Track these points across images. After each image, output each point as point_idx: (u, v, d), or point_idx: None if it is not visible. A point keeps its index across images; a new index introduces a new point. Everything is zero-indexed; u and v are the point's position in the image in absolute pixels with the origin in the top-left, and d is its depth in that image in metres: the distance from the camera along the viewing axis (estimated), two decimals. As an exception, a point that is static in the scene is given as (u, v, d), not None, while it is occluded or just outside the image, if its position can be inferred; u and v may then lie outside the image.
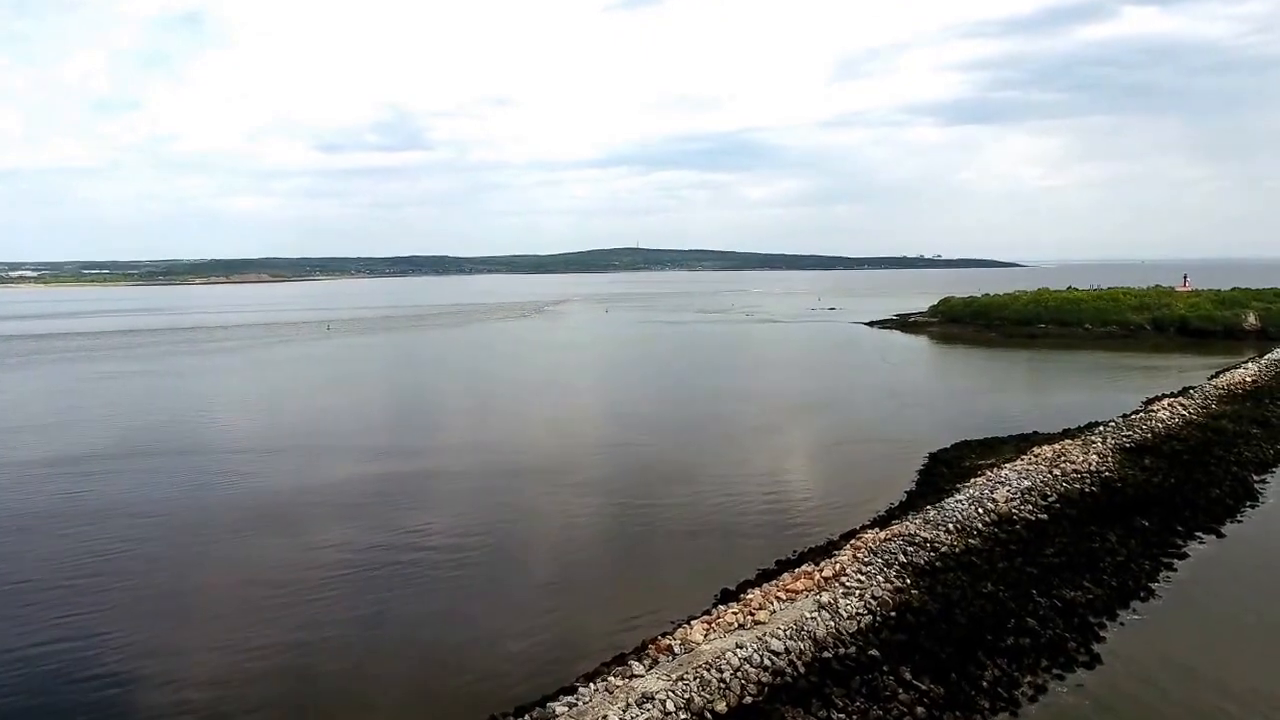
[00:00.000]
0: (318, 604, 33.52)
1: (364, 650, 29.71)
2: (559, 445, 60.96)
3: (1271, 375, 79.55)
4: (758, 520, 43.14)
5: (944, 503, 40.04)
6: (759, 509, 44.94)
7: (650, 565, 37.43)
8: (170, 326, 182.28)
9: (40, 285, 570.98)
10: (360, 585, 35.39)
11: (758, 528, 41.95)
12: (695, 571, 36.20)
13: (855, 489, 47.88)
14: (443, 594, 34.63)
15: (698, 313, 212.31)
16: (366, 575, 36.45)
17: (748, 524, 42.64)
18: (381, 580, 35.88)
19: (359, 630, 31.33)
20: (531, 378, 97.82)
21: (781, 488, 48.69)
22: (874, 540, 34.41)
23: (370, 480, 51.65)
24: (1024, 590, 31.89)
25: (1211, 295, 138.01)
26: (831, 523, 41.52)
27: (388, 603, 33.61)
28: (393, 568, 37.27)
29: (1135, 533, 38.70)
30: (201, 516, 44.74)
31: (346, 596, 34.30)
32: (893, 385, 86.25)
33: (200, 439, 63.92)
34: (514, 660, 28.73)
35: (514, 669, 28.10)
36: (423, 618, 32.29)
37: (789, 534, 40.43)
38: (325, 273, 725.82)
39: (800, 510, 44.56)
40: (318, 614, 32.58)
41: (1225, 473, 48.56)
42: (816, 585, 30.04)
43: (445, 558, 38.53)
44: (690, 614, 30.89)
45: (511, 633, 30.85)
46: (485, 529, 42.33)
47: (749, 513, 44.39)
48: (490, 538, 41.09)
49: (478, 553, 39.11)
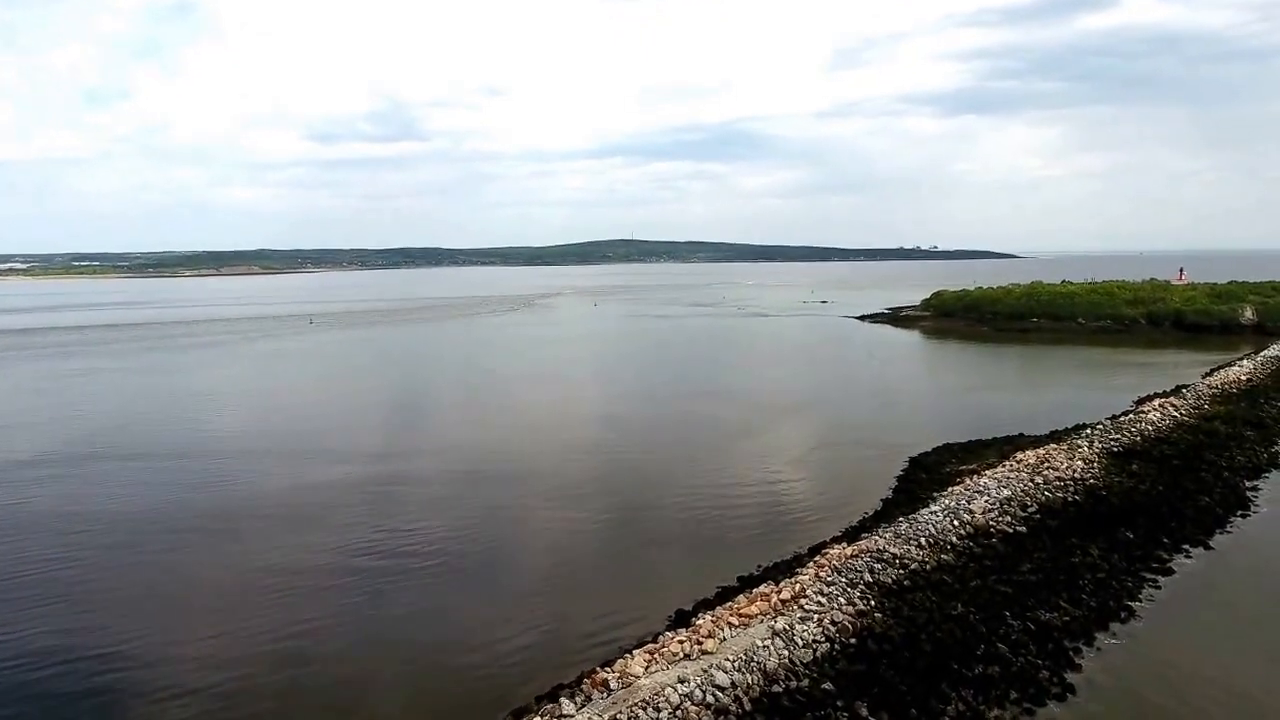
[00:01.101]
0: (251, 622, 31.42)
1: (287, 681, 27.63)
2: (521, 449, 58.64)
3: (1267, 373, 77.56)
4: (726, 532, 41.00)
5: (918, 514, 38.01)
6: (728, 520, 42.79)
7: (606, 583, 35.22)
8: (152, 321, 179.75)
9: (29, 277, 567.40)
10: (286, 606, 33.29)
11: (725, 540, 39.80)
12: (653, 589, 34.11)
13: (830, 497, 45.79)
14: (366, 620, 32.52)
15: (688, 306, 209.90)
16: (290, 595, 34.35)
17: (715, 536, 40.48)
18: (306, 599, 33.79)
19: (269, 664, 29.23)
20: (505, 377, 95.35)
21: (753, 496, 46.49)
22: (839, 557, 32.32)
23: (309, 488, 49.41)
24: (996, 612, 29.84)
25: (1208, 289, 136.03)
26: (801, 535, 39.41)
27: (309, 628, 31.50)
28: (322, 589, 35.16)
29: (1118, 546, 36.67)
30: (139, 526, 42.57)
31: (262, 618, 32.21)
32: (878, 384, 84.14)
33: (153, 442, 61.52)
34: (442, 696, 26.68)
35: (442, 704, 26.07)
36: (347, 647, 30.21)
37: (757, 547, 38.27)
38: (317, 264, 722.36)
39: (771, 521, 42.40)
40: (248, 630, 30.50)
41: (1216, 478, 46.53)
42: (773, 609, 27.96)
43: (379, 572, 36.41)
44: (643, 636, 28.96)
45: (450, 666, 28.76)
46: (426, 541, 40.16)
47: (717, 524, 42.24)
48: (431, 551, 38.95)
49: (415, 570, 36.97)
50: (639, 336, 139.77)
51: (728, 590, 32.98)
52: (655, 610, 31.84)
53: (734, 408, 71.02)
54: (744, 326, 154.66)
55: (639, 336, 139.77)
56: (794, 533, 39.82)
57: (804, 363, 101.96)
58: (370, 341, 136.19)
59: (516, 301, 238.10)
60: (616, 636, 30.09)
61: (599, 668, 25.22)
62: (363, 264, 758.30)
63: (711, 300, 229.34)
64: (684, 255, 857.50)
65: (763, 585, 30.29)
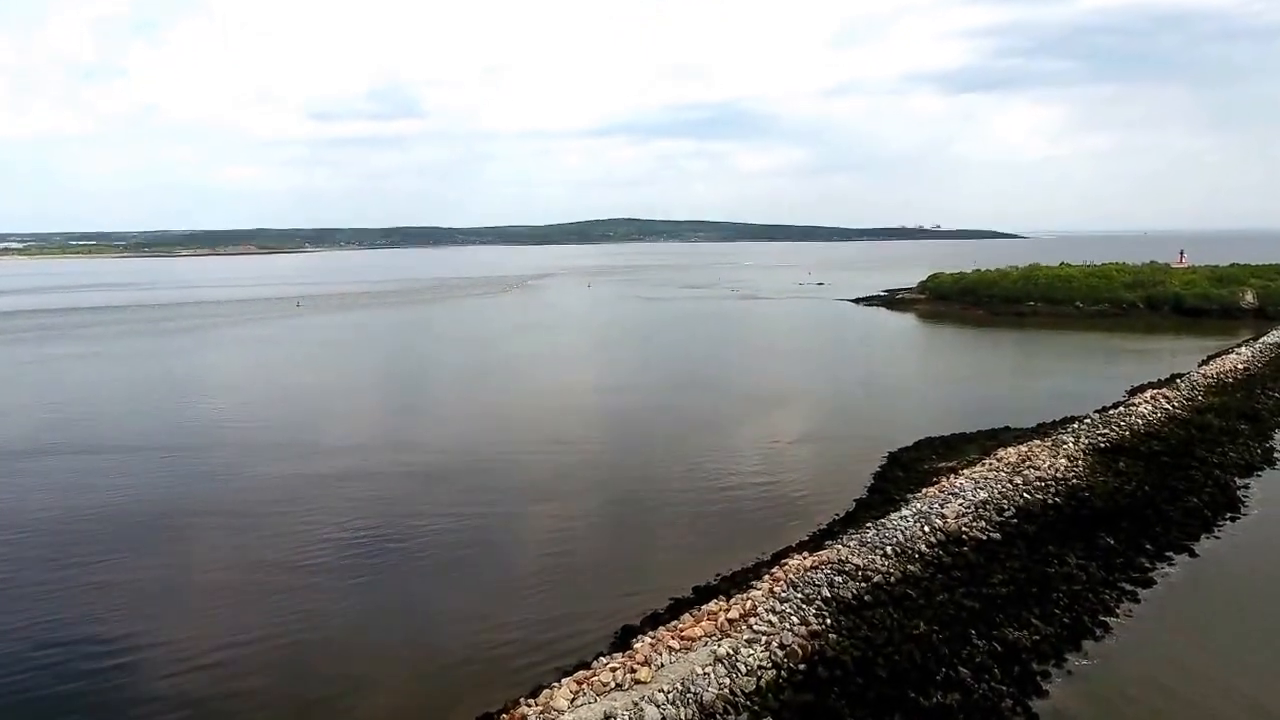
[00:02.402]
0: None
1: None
2: (486, 442, 56.72)
3: (1265, 361, 75.43)
4: (689, 537, 39.08)
5: (888, 518, 36.03)
6: (692, 523, 40.86)
7: (554, 594, 33.15)
8: (139, 303, 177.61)
9: (25, 257, 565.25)
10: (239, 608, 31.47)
11: (687, 546, 37.86)
12: (605, 600, 32.24)
13: (802, 497, 43.84)
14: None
15: (682, 288, 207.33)
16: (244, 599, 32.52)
17: (677, 542, 38.56)
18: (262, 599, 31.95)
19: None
20: (479, 364, 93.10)
21: (721, 497, 44.48)
22: (798, 569, 30.36)
23: (250, 482, 47.57)
24: (962, 630, 27.89)
25: (1208, 272, 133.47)
26: (768, 539, 37.39)
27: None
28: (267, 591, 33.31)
29: (1098, 553, 34.73)
30: (76, 528, 40.71)
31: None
32: (865, 372, 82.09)
33: (111, 435, 59.63)
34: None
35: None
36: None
37: (720, 553, 36.19)
38: (315, 244, 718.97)
39: (737, 523, 40.42)
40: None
41: (1206, 477, 44.55)
42: (719, 629, 26.02)
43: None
44: (585, 656, 27.11)
45: (368, 697, 26.92)
46: (355, 546, 38.29)
47: (681, 527, 40.32)
48: (366, 557, 37.09)
49: (346, 578, 35.11)
50: (626, 322, 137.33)
51: (681, 603, 31.09)
52: (604, 624, 30.03)
53: (712, 400, 68.94)
54: (735, 310, 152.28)
55: (626, 322, 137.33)
56: (759, 537, 37.81)
57: (792, 350, 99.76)
58: (351, 327, 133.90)
59: (509, 283, 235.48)
60: (563, 649, 28.35)
61: (523, 699, 23.37)
62: (361, 244, 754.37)
63: (707, 282, 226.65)
64: (685, 235, 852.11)
65: (712, 602, 28.34)
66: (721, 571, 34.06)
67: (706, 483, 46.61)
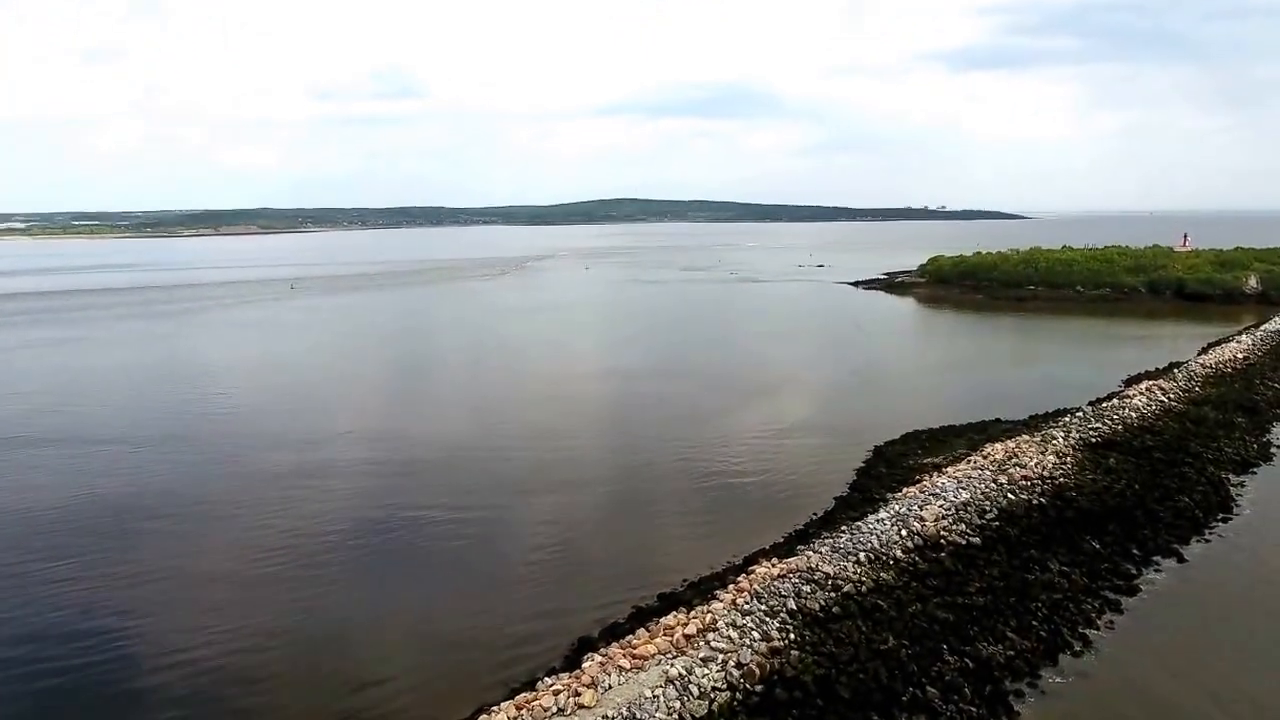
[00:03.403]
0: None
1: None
2: (459, 436, 55.38)
3: (1266, 350, 73.66)
4: (665, 539, 37.67)
5: (864, 521, 34.69)
6: (671, 523, 39.47)
7: (521, 602, 31.85)
8: (133, 285, 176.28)
9: (27, 237, 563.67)
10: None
11: (661, 549, 36.39)
12: (567, 609, 31.01)
13: (781, 495, 42.52)
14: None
15: (681, 270, 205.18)
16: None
17: (653, 543, 37.12)
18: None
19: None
20: (464, 352, 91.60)
21: (703, 495, 43.06)
22: (764, 578, 29.03)
23: (191, 480, 46.40)
24: (933, 645, 26.62)
25: (1211, 256, 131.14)
26: (741, 540, 36.12)
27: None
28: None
29: (1082, 558, 33.43)
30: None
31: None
32: (859, 359, 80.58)
33: (72, 427, 58.44)
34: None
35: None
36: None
37: (693, 555, 35.14)
38: (318, 224, 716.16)
39: (714, 523, 39.13)
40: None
41: (1199, 474, 43.11)
42: (674, 646, 24.75)
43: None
44: (538, 670, 25.97)
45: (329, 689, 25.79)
46: (319, 546, 37.12)
47: (659, 528, 38.86)
48: (333, 552, 35.92)
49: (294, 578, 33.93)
50: (620, 306, 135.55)
51: (644, 612, 29.90)
52: (563, 634, 28.85)
53: (699, 390, 67.44)
54: (733, 294, 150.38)
55: (620, 306, 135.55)
56: (735, 538, 36.52)
57: (786, 336, 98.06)
58: (341, 311, 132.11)
59: (507, 264, 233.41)
60: (518, 661, 27.24)
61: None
62: (364, 223, 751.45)
63: (707, 264, 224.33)
64: (689, 215, 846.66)
65: (672, 614, 27.04)
66: (689, 577, 32.88)
67: (687, 481, 45.21)
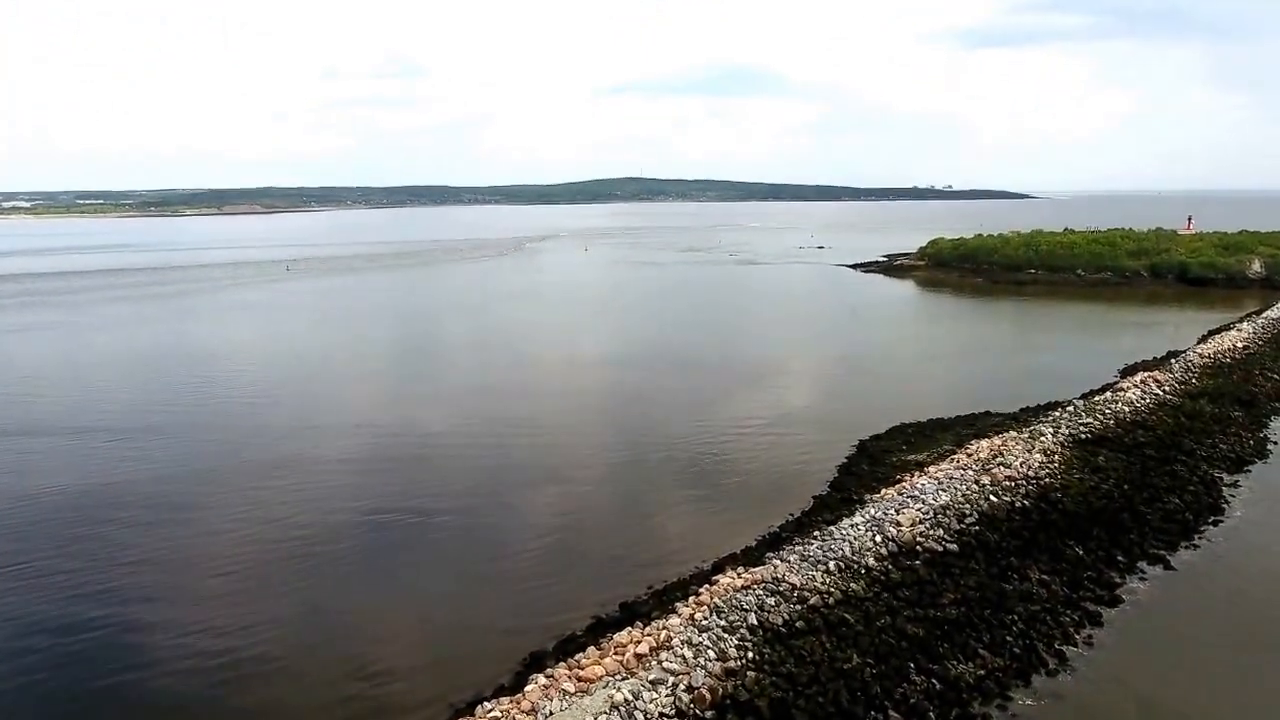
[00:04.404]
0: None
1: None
2: (430, 426, 54.28)
3: (1267, 339, 71.95)
4: (637, 539, 36.41)
5: (838, 525, 33.44)
6: (643, 524, 38.17)
7: (477, 611, 30.74)
8: (128, 266, 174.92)
9: (32, 216, 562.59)
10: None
11: (630, 553, 35.03)
12: (524, 616, 29.86)
13: (758, 493, 41.24)
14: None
15: (680, 252, 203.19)
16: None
17: (624, 545, 35.86)
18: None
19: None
20: (453, 339, 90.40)
21: (680, 493, 41.80)
22: (726, 590, 27.84)
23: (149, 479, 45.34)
24: (900, 663, 25.42)
25: (1216, 239, 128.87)
26: (711, 543, 34.98)
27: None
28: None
29: (1064, 566, 32.17)
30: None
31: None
32: (852, 347, 79.12)
33: (43, 417, 57.45)
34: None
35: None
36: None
37: (663, 561, 33.81)
38: (322, 203, 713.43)
39: (687, 524, 37.94)
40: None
41: (1192, 473, 41.85)
42: (624, 667, 23.60)
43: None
44: (485, 689, 24.87)
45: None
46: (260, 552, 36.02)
47: (631, 530, 37.51)
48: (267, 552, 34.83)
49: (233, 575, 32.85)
50: (616, 288, 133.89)
51: (603, 624, 28.75)
52: (517, 646, 27.67)
53: (685, 377, 66.14)
54: (730, 276, 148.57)
55: (616, 288, 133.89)
56: (706, 541, 35.34)
57: (778, 322, 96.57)
58: (333, 293, 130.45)
59: (506, 245, 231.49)
60: (469, 674, 26.14)
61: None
62: (367, 203, 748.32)
63: (706, 245, 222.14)
64: (693, 194, 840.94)
65: (626, 630, 25.87)
66: (655, 584, 31.72)
67: (665, 479, 43.90)
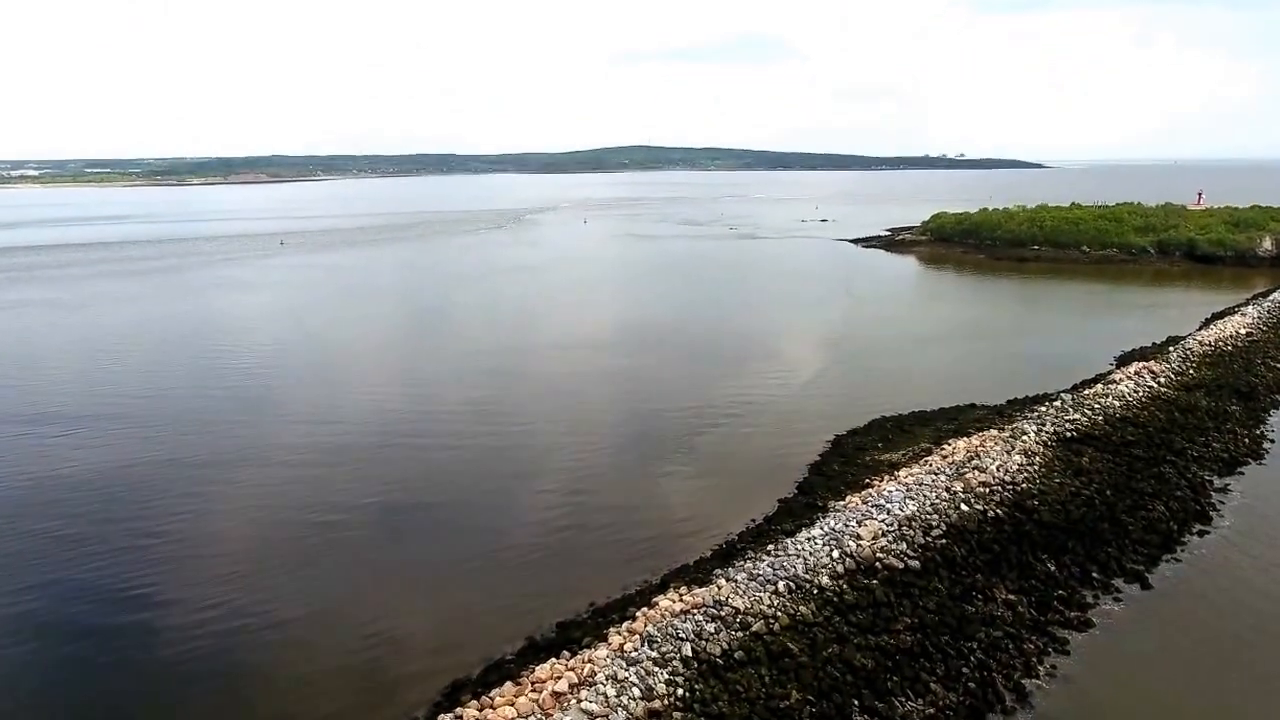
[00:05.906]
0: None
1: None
2: (391, 417, 52.55)
3: (1271, 324, 69.22)
4: (580, 548, 34.50)
5: (794, 538, 31.46)
6: (593, 530, 36.14)
7: (412, 629, 28.96)
8: (124, 239, 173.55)
9: (39, 185, 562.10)
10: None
11: (579, 564, 33.26)
12: (458, 635, 28.10)
13: (720, 496, 39.14)
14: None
15: (680, 224, 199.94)
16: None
17: (577, 553, 33.93)
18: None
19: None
20: (422, 314, 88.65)
21: (635, 493, 39.78)
22: (663, 614, 26.05)
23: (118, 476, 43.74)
24: (843, 700, 23.65)
25: (1226, 215, 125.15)
26: (663, 555, 33.12)
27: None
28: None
29: (1034, 584, 30.28)
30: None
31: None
32: (840, 330, 76.74)
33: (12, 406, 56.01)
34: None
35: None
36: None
37: (614, 574, 31.80)
38: (328, 172, 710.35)
39: (641, 532, 35.62)
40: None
41: (1180, 475, 39.79)
42: (539, 707, 21.88)
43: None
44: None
45: None
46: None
47: (588, 536, 35.46)
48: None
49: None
50: (610, 263, 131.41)
51: (537, 645, 27.01)
52: (438, 674, 25.94)
53: (663, 363, 64.06)
54: (726, 251, 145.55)
55: (610, 263, 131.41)
56: (655, 553, 33.42)
57: (768, 300, 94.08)
58: (329, 269, 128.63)
59: (505, 217, 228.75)
60: (387, 705, 24.50)
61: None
62: (374, 171, 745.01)
63: (707, 218, 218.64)
64: (701, 162, 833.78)
65: (549, 663, 24.09)
66: (598, 600, 29.93)
67: (633, 478, 41.84)
